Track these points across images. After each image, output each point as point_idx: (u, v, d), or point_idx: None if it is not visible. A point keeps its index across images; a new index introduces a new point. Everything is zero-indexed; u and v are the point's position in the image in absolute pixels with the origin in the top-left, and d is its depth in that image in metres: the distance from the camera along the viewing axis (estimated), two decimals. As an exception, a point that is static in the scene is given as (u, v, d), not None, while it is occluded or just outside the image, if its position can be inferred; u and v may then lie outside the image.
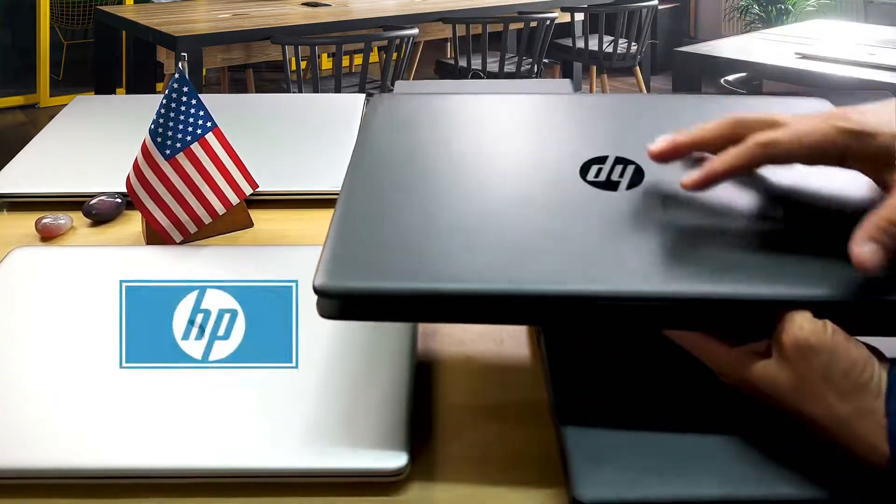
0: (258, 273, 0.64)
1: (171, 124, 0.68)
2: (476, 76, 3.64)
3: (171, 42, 2.98)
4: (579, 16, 4.20)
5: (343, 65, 3.26)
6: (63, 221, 0.75)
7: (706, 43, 3.13)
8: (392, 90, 1.09)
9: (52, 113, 1.03)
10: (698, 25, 5.65)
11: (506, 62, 3.72)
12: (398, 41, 3.19)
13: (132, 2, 4.28)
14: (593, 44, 4.13)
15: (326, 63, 4.49)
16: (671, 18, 5.48)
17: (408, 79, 3.74)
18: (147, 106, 0.85)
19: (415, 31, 3.22)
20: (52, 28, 4.20)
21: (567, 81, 1.04)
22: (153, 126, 0.69)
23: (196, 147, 0.70)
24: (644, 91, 4.38)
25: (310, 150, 0.88)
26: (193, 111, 0.69)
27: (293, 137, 0.91)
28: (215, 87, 4.18)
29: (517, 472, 0.47)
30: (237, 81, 3.95)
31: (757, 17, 4.93)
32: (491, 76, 3.68)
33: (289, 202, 0.80)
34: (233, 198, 0.73)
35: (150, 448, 0.48)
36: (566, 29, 4.25)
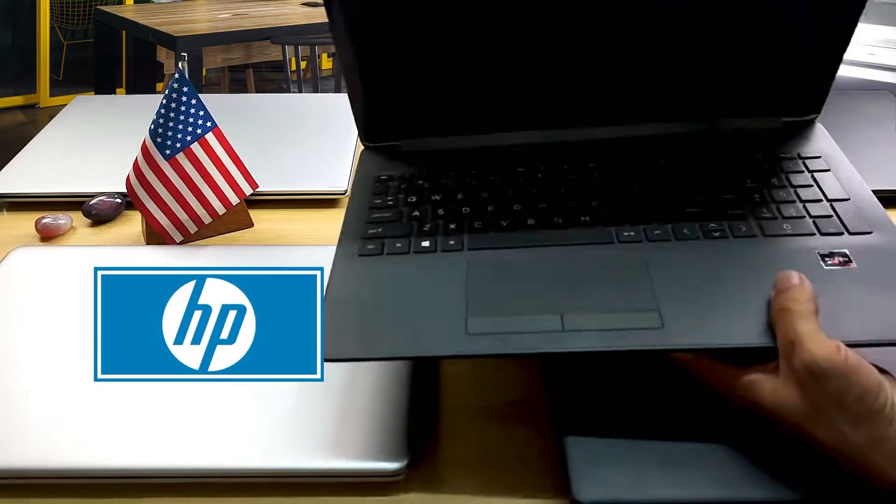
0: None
1: (171, 124, 0.68)
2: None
3: (171, 42, 2.98)
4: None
5: (343, 65, 3.26)
6: (63, 221, 0.75)
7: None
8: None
9: (52, 113, 1.03)
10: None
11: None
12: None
13: (132, 2, 4.28)
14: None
15: (326, 63, 4.49)
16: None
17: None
18: (147, 106, 0.85)
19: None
20: (52, 28, 4.19)
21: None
22: (153, 126, 0.69)
23: (196, 147, 0.70)
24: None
25: (310, 150, 0.88)
26: (193, 111, 0.69)
27: (293, 137, 0.91)
28: (215, 87, 4.18)
29: (518, 474, 0.47)
30: (237, 81, 3.95)
31: (757, 17, 4.92)
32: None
33: (289, 202, 0.80)
34: (233, 198, 0.73)
35: (150, 448, 0.48)
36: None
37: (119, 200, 0.78)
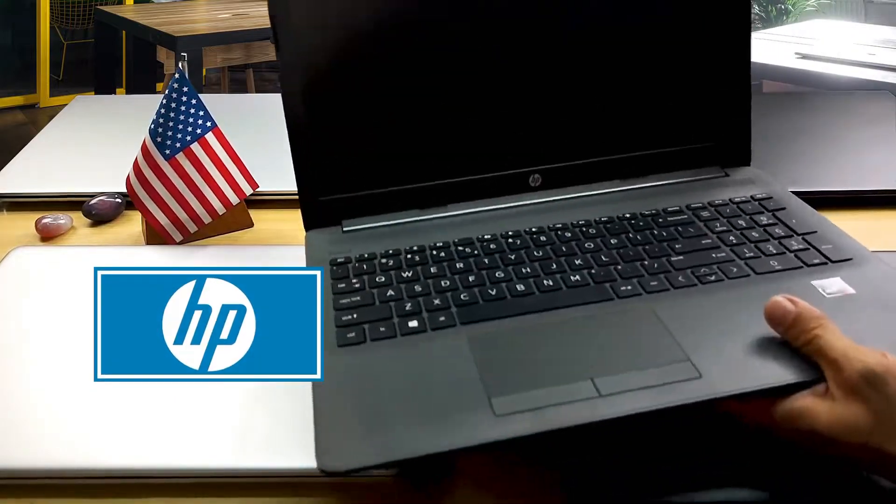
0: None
1: (171, 124, 0.68)
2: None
3: (171, 42, 2.97)
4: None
5: (343, 65, 3.25)
6: (63, 221, 0.75)
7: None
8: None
9: (52, 113, 1.03)
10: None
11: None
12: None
13: (132, 2, 4.27)
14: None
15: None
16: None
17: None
18: (147, 106, 0.85)
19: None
20: (52, 28, 4.19)
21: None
22: (153, 126, 0.69)
23: (196, 147, 0.70)
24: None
25: (310, 150, 0.88)
26: (193, 111, 0.69)
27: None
28: (215, 87, 4.18)
29: (518, 473, 0.47)
30: (237, 81, 3.95)
31: (757, 17, 4.93)
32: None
33: (289, 202, 0.80)
34: (233, 198, 0.73)
35: (150, 448, 0.48)
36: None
37: (119, 200, 0.78)
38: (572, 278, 0.51)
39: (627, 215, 0.58)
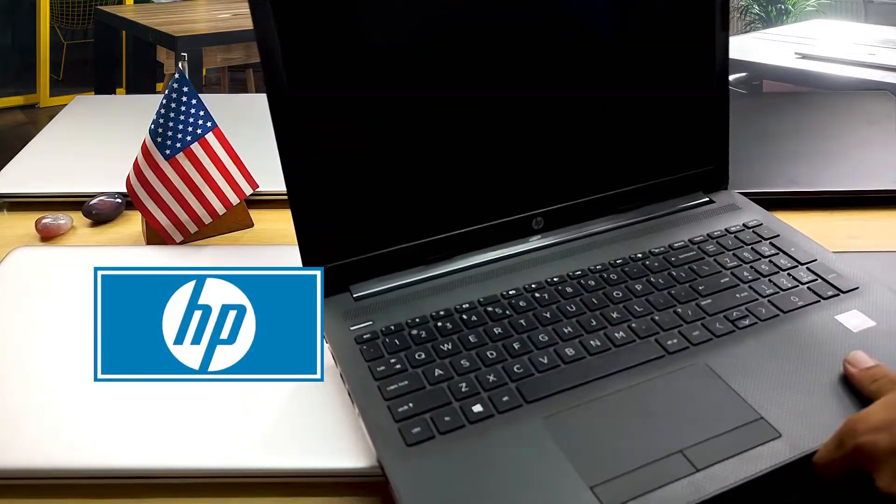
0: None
1: (171, 124, 0.68)
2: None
3: (171, 42, 2.97)
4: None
5: (343, 65, 3.25)
6: (63, 221, 0.75)
7: (706, 43, 3.11)
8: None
9: (52, 113, 1.03)
10: (698, 25, 5.63)
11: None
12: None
13: (132, 2, 4.27)
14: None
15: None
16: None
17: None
18: (147, 106, 0.85)
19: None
20: (52, 28, 4.19)
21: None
22: (153, 126, 0.69)
23: (196, 147, 0.70)
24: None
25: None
26: (193, 111, 0.69)
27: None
28: (215, 87, 4.17)
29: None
30: (237, 81, 3.95)
31: (757, 17, 4.93)
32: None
33: (289, 202, 0.80)
34: (233, 198, 0.73)
35: (150, 448, 0.48)
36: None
37: (119, 200, 0.78)
38: (617, 335, 0.51)
39: (640, 255, 0.59)
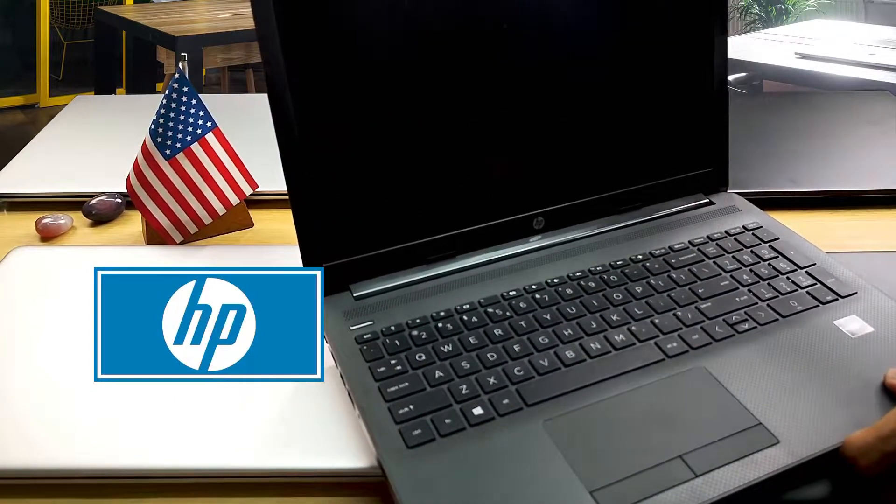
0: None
1: (171, 124, 0.68)
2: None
3: (171, 42, 2.97)
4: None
5: (343, 65, 3.25)
6: (63, 221, 0.75)
7: (706, 43, 3.11)
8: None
9: (52, 113, 1.04)
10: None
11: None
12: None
13: (132, 2, 4.27)
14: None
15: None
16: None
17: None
18: (147, 106, 0.85)
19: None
20: (52, 28, 4.19)
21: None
22: (153, 126, 0.69)
23: (196, 147, 0.70)
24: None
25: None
26: (193, 111, 0.69)
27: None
28: (215, 87, 4.17)
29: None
30: (237, 81, 3.95)
31: (757, 17, 4.93)
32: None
33: (289, 202, 0.80)
34: (233, 198, 0.73)
35: (150, 448, 0.48)
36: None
37: (119, 200, 0.78)
38: (617, 338, 0.51)
39: (640, 257, 0.59)
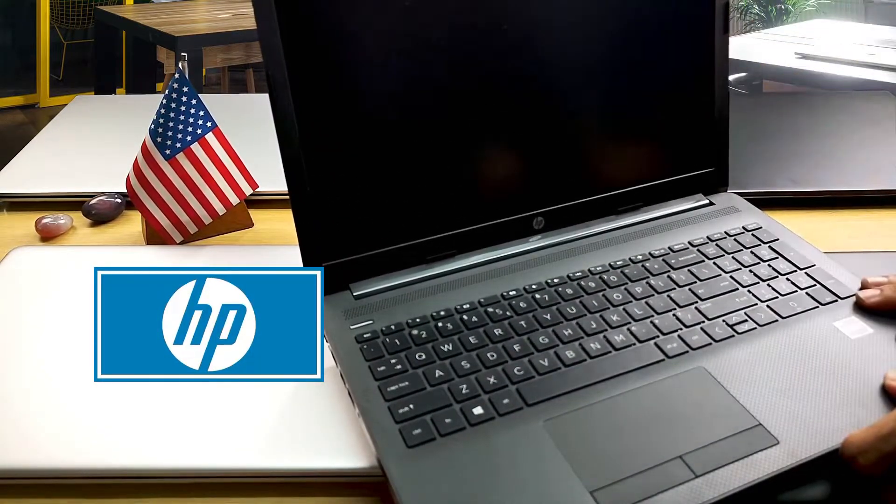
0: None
1: (171, 124, 0.68)
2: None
3: (171, 42, 2.97)
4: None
5: (343, 65, 3.25)
6: (63, 221, 0.75)
7: (706, 43, 3.11)
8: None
9: (52, 113, 1.04)
10: (698, 25, 5.63)
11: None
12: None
13: (132, 2, 4.27)
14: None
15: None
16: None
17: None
18: (147, 106, 0.85)
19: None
20: (52, 28, 4.19)
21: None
22: (153, 126, 0.69)
23: (196, 147, 0.70)
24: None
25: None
26: (193, 111, 0.69)
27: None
28: (215, 87, 4.17)
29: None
30: (237, 81, 3.95)
31: (757, 17, 4.93)
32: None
33: (289, 202, 0.80)
34: (233, 198, 0.73)
35: (150, 448, 0.48)
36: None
37: (119, 200, 0.78)
38: (617, 338, 0.51)
39: (640, 257, 0.59)
